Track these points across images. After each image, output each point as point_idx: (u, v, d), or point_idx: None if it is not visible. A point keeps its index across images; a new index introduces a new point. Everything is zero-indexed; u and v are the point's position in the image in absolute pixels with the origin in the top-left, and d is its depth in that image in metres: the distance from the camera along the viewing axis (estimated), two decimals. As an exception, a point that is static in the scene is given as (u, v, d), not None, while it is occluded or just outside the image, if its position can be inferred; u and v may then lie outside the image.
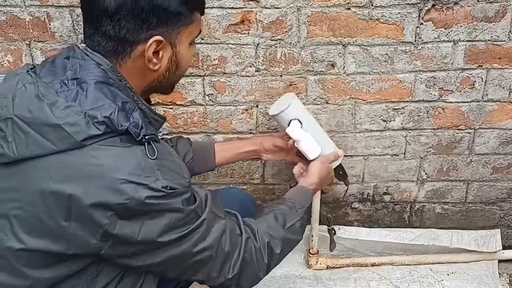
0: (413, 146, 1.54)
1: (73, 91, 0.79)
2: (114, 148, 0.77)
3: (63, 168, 0.76)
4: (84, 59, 0.83)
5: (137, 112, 0.82)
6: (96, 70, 0.82)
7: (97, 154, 0.76)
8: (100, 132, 0.76)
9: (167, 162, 0.83)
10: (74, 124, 0.76)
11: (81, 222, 0.76)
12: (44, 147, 0.76)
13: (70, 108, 0.77)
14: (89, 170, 0.76)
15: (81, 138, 0.75)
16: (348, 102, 1.46)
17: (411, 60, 1.40)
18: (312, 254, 1.58)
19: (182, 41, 0.89)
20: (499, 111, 1.49)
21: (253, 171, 1.57)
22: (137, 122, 0.80)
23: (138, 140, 0.79)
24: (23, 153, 0.77)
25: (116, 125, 0.77)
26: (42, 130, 0.76)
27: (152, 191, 0.77)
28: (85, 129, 0.76)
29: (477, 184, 1.62)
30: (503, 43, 1.39)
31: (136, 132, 0.79)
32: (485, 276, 1.58)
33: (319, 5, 1.32)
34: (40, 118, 0.76)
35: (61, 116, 0.76)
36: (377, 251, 1.63)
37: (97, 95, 0.79)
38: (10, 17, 1.31)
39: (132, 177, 0.76)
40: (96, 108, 0.78)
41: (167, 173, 0.80)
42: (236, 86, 1.43)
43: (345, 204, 1.65)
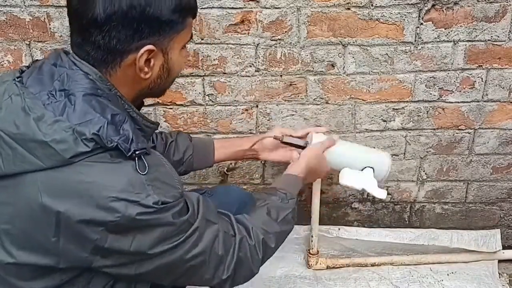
0: (413, 146, 1.54)
1: (61, 103, 0.77)
2: (103, 165, 0.76)
3: (51, 185, 0.75)
4: (72, 68, 0.81)
5: (128, 123, 0.80)
6: (84, 81, 0.80)
7: (86, 171, 0.75)
8: (89, 149, 0.74)
9: (158, 174, 0.81)
10: (62, 141, 0.74)
11: (71, 237, 0.76)
12: (31, 163, 0.74)
13: (57, 123, 0.75)
14: (78, 187, 0.74)
15: (69, 155, 0.74)
16: (348, 102, 1.46)
17: (411, 60, 1.40)
18: (312, 254, 1.58)
19: (174, 48, 0.87)
20: (499, 111, 1.49)
21: (253, 171, 1.57)
22: (127, 135, 0.78)
23: (128, 156, 0.77)
24: (10, 169, 0.76)
25: (105, 141, 0.75)
26: (29, 146, 0.74)
27: (143, 208, 0.76)
28: (73, 146, 0.74)
29: (477, 184, 1.62)
30: (503, 43, 1.39)
31: (126, 148, 0.77)
32: (485, 276, 1.58)
33: (319, 5, 1.32)
34: (27, 134, 0.74)
35: (48, 133, 0.74)
36: (377, 251, 1.63)
37: (85, 109, 0.77)
38: (10, 17, 1.31)
39: (122, 195, 0.75)
40: (84, 124, 0.75)
41: (158, 187, 0.79)
42: (236, 86, 1.43)
43: (345, 204, 1.65)
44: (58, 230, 0.75)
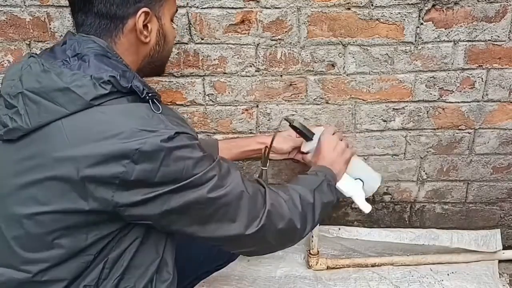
0: (413, 146, 1.54)
1: (76, 65, 0.83)
2: (122, 105, 0.82)
3: (76, 129, 0.79)
4: (82, 38, 0.87)
5: (137, 80, 0.86)
6: (94, 45, 0.86)
7: (107, 111, 0.80)
8: (107, 91, 0.80)
9: (172, 117, 0.86)
10: (82, 85, 0.79)
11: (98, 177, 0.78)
12: (55, 112, 0.79)
13: (76, 74, 0.81)
14: (101, 127, 0.79)
15: (89, 98, 0.79)
16: (348, 102, 1.46)
17: (411, 60, 1.40)
18: (312, 255, 1.58)
19: (165, 14, 0.95)
20: (499, 111, 1.49)
21: (253, 171, 1.57)
22: (139, 86, 0.84)
23: (142, 98, 0.83)
24: (36, 122, 0.80)
25: (120, 83, 0.82)
26: (52, 96, 0.79)
27: (165, 135, 0.79)
28: (93, 90, 0.79)
29: (477, 184, 1.62)
30: (503, 43, 1.39)
31: (140, 90, 0.83)
32: (485, 276, 1.58)
33: (319, 5, 1.32)
34: (49, 85, 0.80)
35: (70, 80, 0.79)
36: (377, 251, 1.63)
37: (99, 64, 0.83)
38: (10, 17, 1.31)
39: (143, 126, 0.79)
40: (100, 73, 0.82)
41: (175, 122, 0.84)
42: (236, 86, 1.43)
43: (345, 204, 1.65)
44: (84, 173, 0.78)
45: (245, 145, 1.36)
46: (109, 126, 0.79)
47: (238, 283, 1.55)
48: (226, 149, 1.34)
